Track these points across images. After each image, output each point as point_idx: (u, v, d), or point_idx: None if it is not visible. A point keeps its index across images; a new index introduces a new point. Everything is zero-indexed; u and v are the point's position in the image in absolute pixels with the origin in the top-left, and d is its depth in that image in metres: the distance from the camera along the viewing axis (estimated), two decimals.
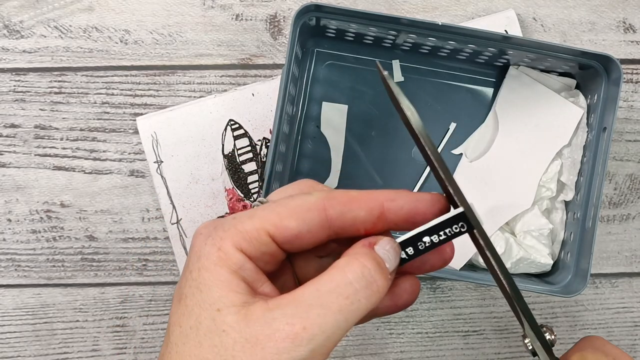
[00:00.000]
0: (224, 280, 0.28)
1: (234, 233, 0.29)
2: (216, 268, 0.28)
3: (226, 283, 0.28)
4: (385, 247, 0.29)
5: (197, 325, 0.28)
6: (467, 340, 0.58)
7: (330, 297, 0.27)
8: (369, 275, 0.28)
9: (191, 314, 0.28)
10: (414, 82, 0.55)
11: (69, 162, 0.57)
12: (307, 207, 0.30)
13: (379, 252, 0.29)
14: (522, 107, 0.53)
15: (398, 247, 0.30)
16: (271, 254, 0.30)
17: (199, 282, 0.28)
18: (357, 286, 0.28)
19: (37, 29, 0.56)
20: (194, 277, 0.29)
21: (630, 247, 0.58)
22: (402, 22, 0.49)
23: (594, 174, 0.50)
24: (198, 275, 0.28)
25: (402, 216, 0.30)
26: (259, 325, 0.27)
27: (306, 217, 0.29)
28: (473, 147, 0.55)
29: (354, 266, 0.28)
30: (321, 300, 0.27)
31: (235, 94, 0.56)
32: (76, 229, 0.57)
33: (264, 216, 0.29)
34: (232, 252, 0.29)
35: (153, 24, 0.56)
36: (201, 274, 0.28)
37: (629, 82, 0.57)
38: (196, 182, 0.56)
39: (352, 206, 0.30)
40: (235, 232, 0.29)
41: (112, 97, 0.56)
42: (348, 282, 0.28)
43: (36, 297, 0.57)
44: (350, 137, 0.55)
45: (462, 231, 0.30)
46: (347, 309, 0.27)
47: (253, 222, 0.29)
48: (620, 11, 0.57)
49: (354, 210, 0.30)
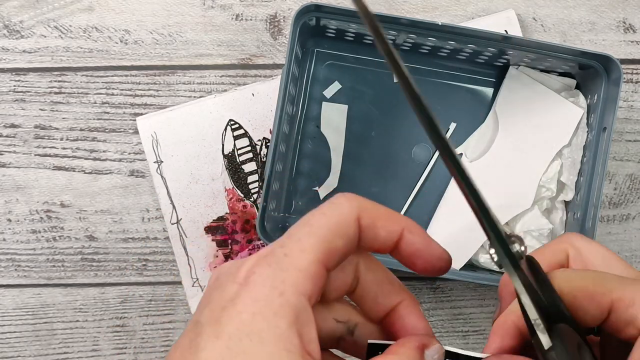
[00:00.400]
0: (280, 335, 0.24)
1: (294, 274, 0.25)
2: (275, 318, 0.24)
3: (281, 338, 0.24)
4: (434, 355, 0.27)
5: None
6: (467, 340, 0.58)
7: None
8: None
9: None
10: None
11: (69, 162, 0.57)
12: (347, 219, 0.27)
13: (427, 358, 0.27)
14: (522, 107, 0.53)
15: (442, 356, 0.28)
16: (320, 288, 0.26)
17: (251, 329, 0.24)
18: None
19: (37, 29, 0.56)
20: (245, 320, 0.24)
21: (630, 247, 0.58)
22: (402, 22, 0.49)
23: (594, 174, 0.50)
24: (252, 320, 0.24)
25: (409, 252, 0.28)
26: None
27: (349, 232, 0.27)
28: (473, 147, 0.55)
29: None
30: None
31: (235, 94, 0.56)
32: (76, 229, 0.57)
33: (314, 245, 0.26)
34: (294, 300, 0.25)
35: (153, 24, 0.56)
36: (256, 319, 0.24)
37: (629, 82, 0.57)
38: (196, 182, 0.56)
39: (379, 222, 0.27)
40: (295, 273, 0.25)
41: (112, 97, 0.56)
42: None
43: (36, 297, 0.57)
44: (350, 137, 0.55)
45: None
46: None
47: (308, 256, 0.25)
48: (620, 11, 0.57)
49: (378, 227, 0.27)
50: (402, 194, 0.55)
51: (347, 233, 0.26)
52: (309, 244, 0.26)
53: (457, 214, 0.54)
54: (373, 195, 0.55)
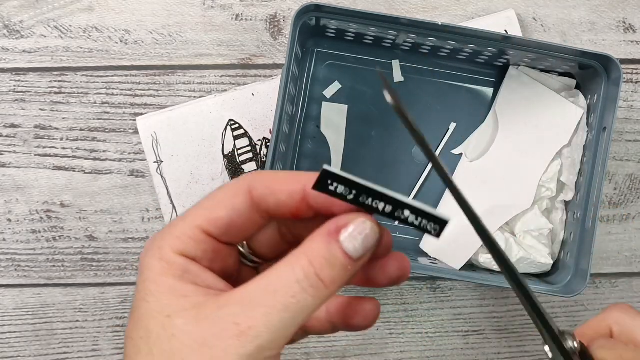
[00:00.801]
0: (171, 288, 0.28)
1: (170, 239, 0.29)
2: (161, 278, 0.28)
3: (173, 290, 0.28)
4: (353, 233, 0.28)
5: (147, 335, 0.27)
6: (467, 340, 0.58)
7: (276, 296, 0.26)
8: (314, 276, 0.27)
9: (140, 325, 0.28)
10: (414, 82, 0.55)
11: (69, 162, 0.57)
12: (233, 193, 0.29)
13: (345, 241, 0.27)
14: (522, 107, 0.53)
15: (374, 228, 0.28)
16: (213, 250, 0.29)
17: (145, 294, 0.28)
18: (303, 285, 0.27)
19: (37, 29, 0.56)
20: (140, 290, 0.28)
21: (630, 247, 0.58)
22: (402, 22, 0.49)
23: (594, 174, 0.50)
24: (143, 287, 0.28)
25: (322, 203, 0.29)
26: (207, 325, 0.26)
27: (234, 203, 0.29)
28: (473, 147, 0.55)
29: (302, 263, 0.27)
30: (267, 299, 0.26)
31: (235, 94, 0.56)
32: (76, 229, 0.57)
33: (194, 213, 0.29)
34: (173, 259, 0.28)
35: (153, 24, 0.56)
36: (146, 285, 0.28)
37: (629, 82, 0.57)
38: (196, 182, 0.56)
39: (273, 188, 0.29)
40: (171, 238, 0.29)
41: (112, 97, 0.56)
42: (294, 280, 0.27)
43: (36, 297, 0.57)
44: (350, 137, 0.55)
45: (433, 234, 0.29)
46: (293, 308, 0.26)
47: (185, 223, 0.29)
48: (620, 11, 0.57)
49: (276, 193, 0.29)
50: (402, 194, 0.55)
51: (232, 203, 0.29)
52: (189, 215, 0.29)
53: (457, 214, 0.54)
54: None
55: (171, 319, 0.27)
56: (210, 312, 0.27)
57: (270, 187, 0.29)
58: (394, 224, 0.55)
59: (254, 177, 0.29)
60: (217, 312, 0.27)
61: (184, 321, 0.27)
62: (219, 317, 0.26)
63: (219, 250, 0.30)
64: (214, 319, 0.26)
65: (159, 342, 0.27)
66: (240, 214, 0.29)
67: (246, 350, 0.26)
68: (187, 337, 0.26)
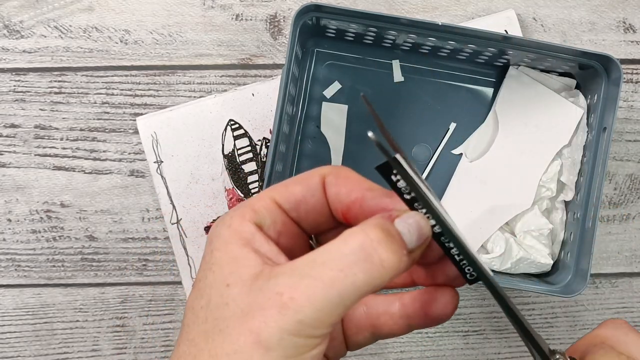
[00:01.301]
0: (235, 256, 0.28)
1: (242, 210, 0.29)
2: (227, 246, 0.28)
3: (236, 259, 0.27)
4: (408, 220, 0.27)
5: (207, 304, 0.27)
6: (467, 340, 0.58)
7: (324, 269, 0.25)
8: (370, 247, 0.26)
9: (203, 295, 0.28)
10: (414, 82, 0.55)
11: (69, 162, 0.57)
12: (311, 174, 0.30)
13: (399, 225, 0.27)
14: (522, 107, 0.53)
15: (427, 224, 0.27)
16: (282, 223, 0.30)
17: (211, 264, 0.28)
18: (354, 258, 0.25)
19: (37, 29, 0.56)
20: (207, 261, 0.28)
21: (630, 247, 0.58)
22: (402, 22, 0.49)
23: (594, 174, 0.50)
24: (210, 257, 0.28)
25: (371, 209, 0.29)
26: (255, 295, 0.26)
27: (310, 182, 0.30)
28: (473, 147, 0.55)
29: (356, 236, 0.26)
30: (314, 271, 0.25)
31: (235, 94, 0.56)
32: (76, 229, 0.57)
33: (272, 188, 0.30)
34: (241, 226, 0.28)
35: (153, 24, 0.56)
36: (213, 255, 0.28)
37: (629, 82, 0.57)
38: (196, 182, 0.56)
39: (340, 180, 0.30)
40: (243, 209, 0.29)
41: (112, 97, 0.56)
42: (344, 253, 0.26)
43: (36, 297, 0.57)
44: (350, 137, 0.55)
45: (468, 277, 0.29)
46: (340, 283, 0.25)
47: (261, 196, 0.30)
48: (620, 11, 0.57)
49: (339, 185, 0.30)
50: None
51: (307, 182, 0.30)
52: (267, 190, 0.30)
53: (457, 214, 0.54)
54: None
55: (229, 287, 0.27)
56: (262, 283, 0.26)
57: (338, 179, 0.30)
58: None
59: (330, 168, 0.31)
60: (266, 282, 0.26)
61: (239, 290, 0.26)
62: (267, 287, 0.26)
63: (288, 225, 0.30)
64: (262, 289, 0.26)
65: (215, 309, 0.27)
66: (312, 194, 0.30)
67: (286, 323, 0.25)
68: (236, 305, 0.26)
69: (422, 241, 0.27)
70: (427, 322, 0.31)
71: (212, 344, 0.26)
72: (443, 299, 0.30)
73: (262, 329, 0.25)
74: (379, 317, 0.32)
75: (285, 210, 0.30)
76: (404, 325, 0.31)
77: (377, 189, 0.30)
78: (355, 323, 0.32)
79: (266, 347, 0.25)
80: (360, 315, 0.32)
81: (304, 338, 0.25)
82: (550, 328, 0.58)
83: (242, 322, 0.26)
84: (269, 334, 0.25)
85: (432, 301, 0.30)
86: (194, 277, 0.55)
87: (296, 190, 0.30)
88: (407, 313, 0.31)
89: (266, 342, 0.25)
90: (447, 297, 0.30)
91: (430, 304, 0.30)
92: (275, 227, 0.29)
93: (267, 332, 0.25)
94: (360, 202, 0.29)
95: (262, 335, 0.25)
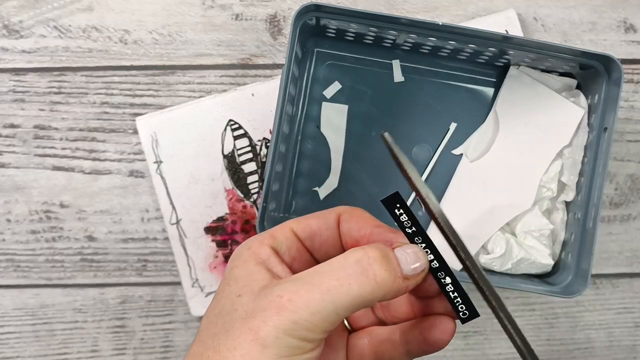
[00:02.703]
0: (249, 273, 0.31)
1: (263, 235, 0.33)
2: (245, 264, 0.31)
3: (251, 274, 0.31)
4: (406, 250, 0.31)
5: (220, 312, 0.30)
6: (468, 341, 0.58)
7: (322, 277, 0.28)
8: (367, 263, 0.29)
9: (217, 305, 0.31)
10: (414, 82, 0.55)
11: (69, 162, 0.56)
12: (330, 211, 0.34)
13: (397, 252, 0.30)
14: (523, 107, 0.53)
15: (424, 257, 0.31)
16: (297, 250, 0.33)
17: (230, 279, 0.31)
18: (351, 271, 0.28)
19: (36, 29, 0.56)
20: (226, 277, 0.32)
21: (631, 247, 0.58)
22: (402, 22, 0.49)
23: (594, 174, 0.50)
24: (229, 274, 0.32)
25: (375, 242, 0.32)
26: (259, 300, 0.29)
27: (327, 217, 0.34)
28: (473, 147, 0.55)
29: (356, 253, 0.29)
30: (314, 279, 0.29)
31: (235, 94, 0.56)
32: (76, 229, 0.57)
33: (292, 220, 0.34)
34: (259, 248, 0.32)
35: (153, 24, 0.56)
36: (232, 271, 0.32)
37: (630, 82, 0.57)
38: (196, 182, 0.56)
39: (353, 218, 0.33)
40: (264, 234, 0.33)
41: (111, 97, 0.56)
42: (342, 266, 0.29)
43: (36, 297, 0.57)
44: (350, 137, 0.55)
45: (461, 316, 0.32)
46: (335, 291, 0.28)
47: (281, 225, 0.34)
48: (620, 11, 0.57)
49: (351, 222, 0.33)
50: (403, 194, 0.55)
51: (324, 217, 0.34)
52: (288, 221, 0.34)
53: (457, 214, 0.54)
54: (373, 195, 0.55)
55: (240, 297, 0.30)
56: (267, 290, 0.29)
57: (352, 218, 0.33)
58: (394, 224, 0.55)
59: (346, 207, 0.34)
60: (271, 289, 0.29)
61: (247, 299, 0.29)
62: (270, 292, 0.29)
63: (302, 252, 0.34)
64: (266, 294, 0.29)
65: (225, 315, 0.30)
66: (327, 227, 0.34)
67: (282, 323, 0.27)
68: (243, 310, 0.29)
69: (418, 271, 0.30)
70: (425, 347, 0.33)
71: (217, 341, 0.29)
72: (441, 326, 0.33)
73: (260, 328, 0.28)
74: (381, 345, 0.34)
75: (301, 239, 0.34)
76: (403, 352, 0.34)
77: (384, 226, 0.33)
78: (359, 352, 0.35)
79: (263, 344, 0.27)
80: (364, 345, 0.35)
81: (297, 339, 0.28)
82: (551, 329, 0.58)
83: (245, 322, 0.28)
84: (267, 332, 0.27)
85: (431, 327, 0.33)
86: (193, 277, 0.55)
87: (313, 223, 0.34)
88: (407, 339, 0.33)
89: (263, 339, 0.27)
90: (445, 324, 0.33)
91: (429, 329, 0.33)
92: (290, 252, 0.33)
93: (265, 331, 0.27)
94: (369, 236, 0.33)
95: (260, 333, 0.27)
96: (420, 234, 0.31)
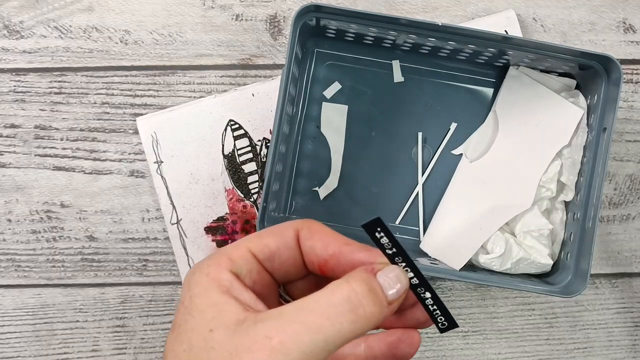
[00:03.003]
0: (215, 302, 0.29)
1: (219, 258, 0.31)
2: (207, 292, 0.30)
3: (217, 305, 0.29)
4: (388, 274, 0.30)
5: (189, 348, 0.29)
6: (467, 341, 0.58)
7: (311, 316, 0.28)
8: (356, 300, 0.28)
9: (184, 339, 0.29)
10: (414, 82, 0.55)
11: (69, 162, 0.57)
12: (284, 227, 0.33)
13: (380, 278, 0.30)
14: (522, 107, 0.53)
15: (405, 277, 0.30)
16: (257, 272, 0.32)
17: (191, 309, 0.30)
18: (341, 309, 0.28)
19: (37, 29, 0.56)
20: (186, 306, 0.30)
21: (630, 247, 0.58)
22: (402, 23, 0.49)
23: (594, 175, 0.50)
24: (190, 303, 0.30)
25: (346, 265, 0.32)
26: (242, 338, 0.27)
27: (284, 235, 0.32)
28: (473, 147, 0.55)
29: (342, 288, 0.29)
30: (302, 317, 0.28)
31: (235, 94, 0.56)
32: (76, 229, 0.57)
33: (247, 239, 0.32)
34: (219, 274, 0.30)
35: (153, 24, 0.56)
36: (193, 301, 0.30)
37: (629, 82, 0.57)
38: (196, 182, 0.56)
39: (314, 235, 0.32)
40: (220, 257, 0.31)
41: (112, 98, 0.56)
42: (332, 303, 0.28)
43: (36, 297, 0.57)
44: (350, 137, 0.55)
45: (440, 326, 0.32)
46: (326, 330, 0.27)
47: (237, 245, 0.32)
48: (620, 11, 0.57)
49: (313, 239, 0.32)
50: (402, 194, 0.55)
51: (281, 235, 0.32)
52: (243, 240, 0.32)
53: (457, 214, 0.54)
54: (373, 195, 0.55)
55: (212, 333, 0.28)
56: (247, 326, 0.28)
57: (314, 234, 0.32)
58: (394, 224, 0.55)
59: (302, 222, 0.33)
60: (253, 326, 0.28)
61: (224, 335, 0.28)
62: (254, 330, 0.28)
63: (262, 274, 0.32)
64: (249, 332, 0.28)
65: (200, 352, 0.28)
66: (287, 246, 0.32)
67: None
68: (223, 348, 0.28)
69: (400, 293, 0.30)
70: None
71: None
72: (408, 340, 0.33)
73: None
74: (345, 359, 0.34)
75: (260, 261, 0.32)
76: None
77: (354, 243, 0.32)
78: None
79: None
80: None
81: None
82: (550, 328, 0.58)
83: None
84: None
85: (399, 342, 0.33)
86: None
87: (271, 242, 0.32)
88: (374, 354, 0.33)
89: None
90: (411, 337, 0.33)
91: (396, 344, 0.33)
92: (251, 276, 0.32)
93: None
94: (338, 256, 0.32)
95: None
96: (401, 253, 0.31)
